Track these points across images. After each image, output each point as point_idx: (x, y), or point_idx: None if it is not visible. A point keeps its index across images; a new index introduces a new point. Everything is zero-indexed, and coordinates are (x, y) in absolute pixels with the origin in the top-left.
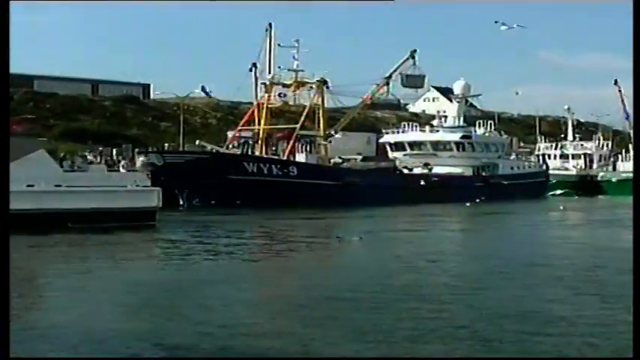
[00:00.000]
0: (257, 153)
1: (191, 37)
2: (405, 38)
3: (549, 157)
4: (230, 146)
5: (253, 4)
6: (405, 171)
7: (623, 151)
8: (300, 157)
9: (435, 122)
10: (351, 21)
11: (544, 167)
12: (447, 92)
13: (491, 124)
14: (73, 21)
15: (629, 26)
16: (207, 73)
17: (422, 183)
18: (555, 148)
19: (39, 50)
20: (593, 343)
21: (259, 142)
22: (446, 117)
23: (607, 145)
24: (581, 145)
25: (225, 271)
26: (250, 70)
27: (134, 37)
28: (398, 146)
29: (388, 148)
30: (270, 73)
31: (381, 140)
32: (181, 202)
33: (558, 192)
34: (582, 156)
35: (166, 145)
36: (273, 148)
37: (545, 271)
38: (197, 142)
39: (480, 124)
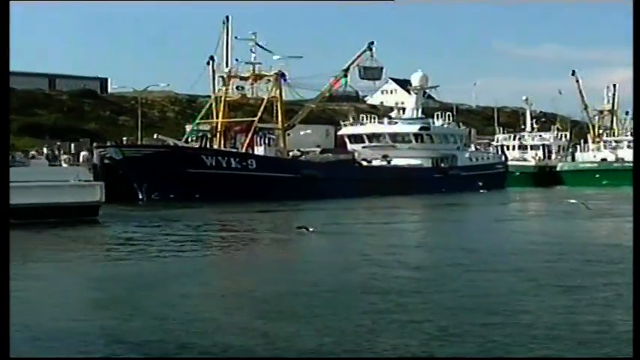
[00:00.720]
0: (215, 146)
1: (148, 31)
2: (362, 31)
3: (508, 148)
4: (189, 140)
5: None
6: (364, 163)
7: (582, 141)
8: (259, 150)
9: (393, 114)
10: (307, 13)
11: (503, 158)
12: (404, 84)
13: (449, 115)
14: (29, 15)
15: (587, 17)
16: (165, 67)
17: (381, 175)
18: (514, 139)
19: None
20: (558, 336)
21: (218, 135)
22: (404, 109)
23: (565, 136)
24: (540, 136)
25: (176, 266)
26: (208, 63)
27: (91, 31)
28: (356, 138)
29: (347, 141)
30: (227, 66)
31: (339, 133)
32: (140, 197)
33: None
34: (541, 147)
35: (125, 139)
36: (232, 142)
37: (506, 263)
38: (155, 135)
39: (438, 115)
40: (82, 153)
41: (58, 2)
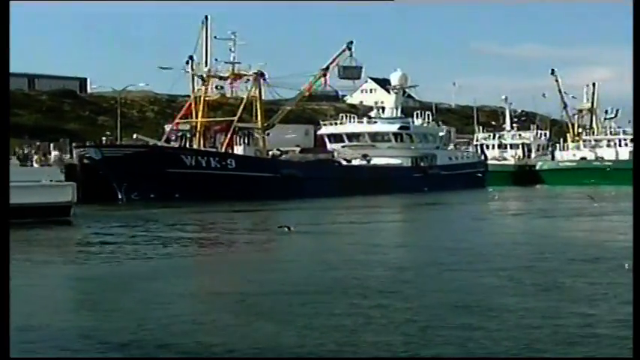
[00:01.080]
0: (195, 146)
1: (128, 30)
2: (341, 30)
3: (487, 148)
4: (170, 140)
5: None
6: (344, 162)
7: (561, 140)
8: (238, 150)
9: (372, 113)
10: (287, 13)
11: (482, 157)
12: (384, 83)
13: (429, 114)
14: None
15: (566, 16)
16: (144, 66)
17: (361, 175)
18: (493, 138)
19: None
20: (539, 337)
21: (197, 135)
22: (383, 108)
23: (545, 135)
24: (519, 135)
25: (147, 267)
26: (187, 62)
27: (70, 31)
28: (336, 138)
29: (326, 140)
30: (206, 65)
31: (319, 132)
32: (120, 196)
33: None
34: (520, 146)
35: (104, 138)
36: (212, 141)
37: (487, 262)
38: (135, 135)
39: (417, 114)
40: (54, 153)
41: (37, 2)
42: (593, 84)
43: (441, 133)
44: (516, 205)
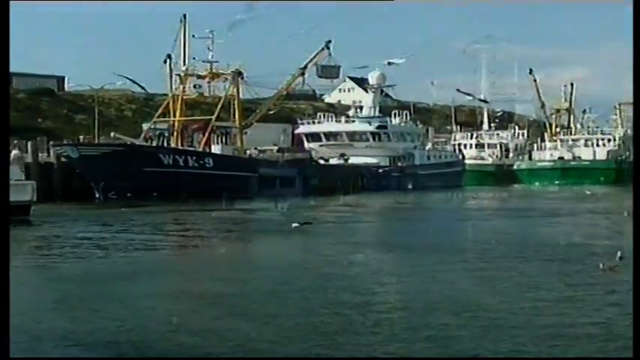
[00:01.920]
0: (173, 145)
1: (105, 28)
2: (319, 29)
3: (465, 147)
4: (148, 139)
5: None
6: (322, 162)
7: (539, 140)
8: (216, 149)
9: (350, 113)
10: (265, 12)
11: (460, 157)
12: (362, 83)
13: (406, 114)
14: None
15: (544, 16)
16: (122, 65)
17: (338, 174)
18: (471, 138)
19: None
20: (517, 340)
21: (175, 134)
22: (361, 107)
23: (523, 135)
24: (497, 134)
25: (106, 267)
26: (165, 61)
27: (47, 29)
28: (314, 137)
29: (304, 139)
30: (184, 64)
31: (297, 131)
32: (97, 195)
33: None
34: (498, 145)
35: (81, 137)
36: (189, 140)
37: (464, 262)
38: (112, 134)
39: (395, 114)
40: (14, 152)
41: (14, 2)
42: (572, 84)
43: (418, 133)
44: (493, 205)
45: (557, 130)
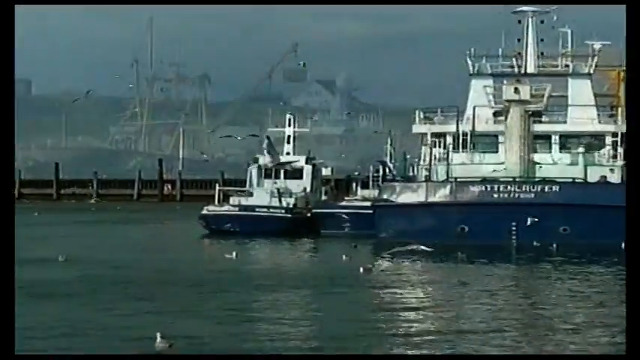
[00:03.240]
0: (140, 148)
1: (72, 33)
2: (287, 32)
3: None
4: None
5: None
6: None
7: None
8: (184, 152)
9: (316, 116)
10: (233, 16)
11: None
12: (329, 85)
13: (374, 116)
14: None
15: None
16: (90, 69)
17: None
18: None
19: None
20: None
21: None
22: (328, 110)
23: None
24: None
25: None
26: (132, 65)
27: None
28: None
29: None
30: (151, 68)
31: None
32: None
33: None
34: None
35: (48, 141)
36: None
37: None
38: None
39: (363, 117)
40: None
41: None
42: None
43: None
44: None
45: None
